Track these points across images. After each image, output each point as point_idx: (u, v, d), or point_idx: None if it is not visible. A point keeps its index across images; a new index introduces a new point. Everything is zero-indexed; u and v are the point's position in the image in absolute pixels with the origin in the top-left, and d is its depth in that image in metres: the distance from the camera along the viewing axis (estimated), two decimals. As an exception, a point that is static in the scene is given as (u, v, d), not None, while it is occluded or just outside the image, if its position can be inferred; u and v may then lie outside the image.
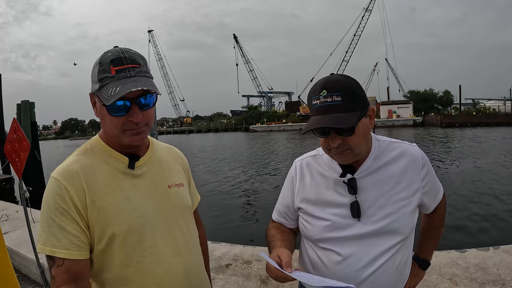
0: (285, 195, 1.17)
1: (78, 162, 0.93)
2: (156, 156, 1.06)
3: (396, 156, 1.04)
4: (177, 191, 1.06)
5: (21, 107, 10.78)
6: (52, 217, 0.86)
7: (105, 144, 0.98)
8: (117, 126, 0.90)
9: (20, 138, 4.18)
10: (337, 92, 0.92)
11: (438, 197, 1.13)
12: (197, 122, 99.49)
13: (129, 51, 0.90)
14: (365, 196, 1.01)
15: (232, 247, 3.27)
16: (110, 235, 0.90)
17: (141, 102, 0.89)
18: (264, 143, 31.19)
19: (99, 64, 0.88)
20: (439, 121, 44.92)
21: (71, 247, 0.86)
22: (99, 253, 0.91)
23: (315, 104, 0.95)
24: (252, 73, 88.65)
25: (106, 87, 0.86)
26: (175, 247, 1.00)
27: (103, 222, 0.89)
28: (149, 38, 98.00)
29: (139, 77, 0.87)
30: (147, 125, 0.94)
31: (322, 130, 0.95)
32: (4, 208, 5.35)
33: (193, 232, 1.11)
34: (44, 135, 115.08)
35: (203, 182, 12.09)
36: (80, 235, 0.87)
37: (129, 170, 0.97)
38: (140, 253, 0.93)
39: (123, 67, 0.87)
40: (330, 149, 0.98)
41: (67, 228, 0.86)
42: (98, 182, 0.91)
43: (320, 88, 0.94)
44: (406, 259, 1.05)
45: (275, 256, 0.93)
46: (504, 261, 2.54)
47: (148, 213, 0.96)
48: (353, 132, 0.94)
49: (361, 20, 75.95)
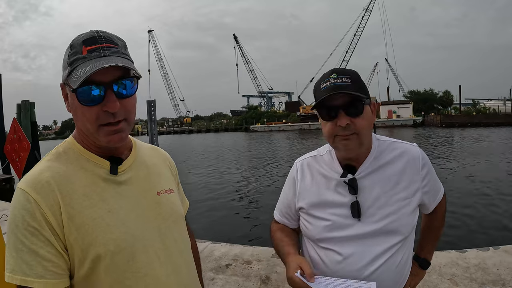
0: (286, 195, 1.18)
1: (49, 169, 0.77)
2: (141, 159, 0.92)
3: (396, 156, 1.05)
4: (167, 198, 0.92)
5: (21, 107, 10.79)
6: (21, 239, 0.70)
7: (80, 146, 0.82)
8: (91, 120, 0.75)
9: (20, 138, 4.17)
10: (347, 75, 0.96)
11: (438, 197, 1.13)
12: (197, 122, 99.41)
13: (106, 32, 0.78)
14: (365, 196, 1.01)
15: (232, 247, 3.27)
16: (93, 257, 0.74)
17: (118, 88, 0.75)
18: (264, 143, 31.18)
19: (70, 47, 0.76)
20: (439, 121, 44.85)
21: (46, 275, 0.70)
22: (81, 279, 0.76)
23: (325, 86, 0.96)
24: (252, 73, 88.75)
25: (76, 69, 0.73)
26: (172, 264, 0.86)
27: (84, 242, 0.74)
28: (149, 38, 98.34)
29: (115, 56, 0.74)
30: (126, 120, 0.79)
31: (329, 112, 0.96)
32: (4, 208, 5.35)
33: (188, 245, 0.98)
34: (44, 135, 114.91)
35: (203, 182, 12.09)
36: (56, 260, 0.72)
37: (111, 176, 0.82)
38: (133, 276, 0.78)
39: (97, 46, 0.74)
40: (336, 136, 0.98)
41: (40, 251, 0.70)
42: (75, 192, 0.76)
43: (329, 73, 0.98)
44: (406, 258, 1.05)
45: (296, 267, 0.94)
46: (504, 261, 2.54)
47: (137, 227, 0.81)
48: (361, 113, 0.95)
49: (361, 20, 76.00)
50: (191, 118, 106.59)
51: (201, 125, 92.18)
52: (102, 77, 0.73)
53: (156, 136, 7.40)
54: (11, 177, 11.08)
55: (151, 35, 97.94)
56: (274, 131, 58.02)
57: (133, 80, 0.78)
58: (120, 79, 0.75)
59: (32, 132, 10.80)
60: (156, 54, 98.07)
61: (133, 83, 0.78)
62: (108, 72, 0.73)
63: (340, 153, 1.04)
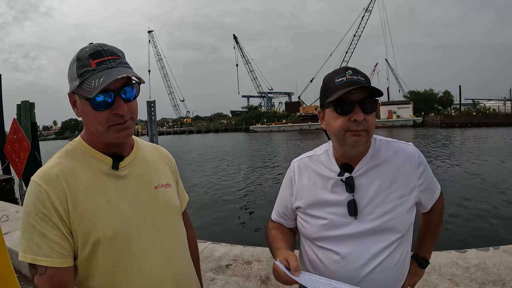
0: (284, 195, 1.18)
1: (58, 164, 0.88)
2: (142, 156, 1.01)
3: (392, 154, 1.06)
4: (164, 192, 1.01)
5: (21, 107, 10.80)
6: (33, 223, 0.82)
7: (87, 145, 0.93)
8: (102, 122, 0.86)
9: (20, 139, 4.17)
10: (361, 74, 0.98)
11: (435, 195, 1.14)
12: (197, 123, 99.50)
13: (107, 44, 0.88)
14: (362, 194, 1.01)
15: (232, 248, 3.27)
16: (94, 241, 0.85)
17: (125, 94, 0.86)
18: (264, 144, 31.19)
19: (77, 61, 0.85)
20: (439, 122, 44.85)
21: (53, 255, 0.82)
22: (83, 260, 0.87)
23: (341, 80, 0.97)
24: (252, 74, 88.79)
25: (88, 80, 0.82)
26: (164, 252, 0.95)
27: (86, 228, 0.85)
28: (149, 39, 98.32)
29: (121, 67, 0.85)
30: (132, 119, 0.90)
31: (346, 107, 0.96)
32: (4, 208, 5.35)
33: (182, 235, 1.07)
34: (44, 136, 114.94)
35: (203, 182, 12.10)
36: (62, 242, 0.83)
37: (112, 171, 0.92)
38: (127, 260, 0.88)
39: (103, 59, 0.84)
40: (347, 131, 0.98)
41: (48, 234, 0.82)
42: (80, 185, 0.87)
43: (344, 69, 0.99)
44: (404, 256, 1.05)
45: (283, 259, 0.94)
46: (504, 261, 2.54)
47: (134, 216, 0.91)
48: (375, 109, 0.98)
49: (361, 20, 76.03)
50: (191, 119, 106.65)
51: (201, 125, 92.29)
52: (111, 85, 0.82)
53: (156, 137, 7.40)
54: (11, 178, 11.08)
55: (151, 35, 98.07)
56: (274, 131, 58.07)
57: (136, 86, 0.90)
58: (125, 85, 0.86)
59: (32, 133, 10.82)
60: (156, 55, 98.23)
61: (135, 88, 0.90)
62: (116, 81, 0.83)
63: (346, 149, 1.03)
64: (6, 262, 1.63)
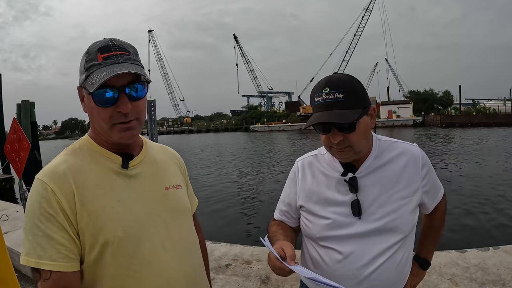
0: (287, 194, 1.18)
1: (66, 162, 0.85)
2: (151, 156, 0.99)
3: (396, 155, 1.05)
4: (175, 193, 0.98)
5: (21, 107, 10.79)
6: (37, 223, 0.76)
7: (95, 143, 0.90)
8: (105, 119, 0.83)
9: (20, 138, 4.18)
10: (339, 89, 0.94)
11: (438, 197, 1.14)
12: (197, 122, 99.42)
13: (119, 40, 0.85)
14: (366, 194, 1.01)
15: (232, 247, 3.27)
16: (103, 243, 0.80)
17: (130, 92, 0.82)
18: (264, 143, 31.19)
19: (87, 54, 0.83)
20: (439, 121, 44.82)
21: (58, 258, 0.76)
22: (91, 263, 0.81)
23: (318, 101, 0.97)
24: (252, 73, 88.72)
25: (92, 74, 0.80)
26: (175, 253, 0.91)
27: (95, 228, 0.80)
28: (149, 38, 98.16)
29: (127, 63, 0.81)
30: (137, 119, 0.86)
31: (324, 127, 0.97)
32: (4, 208, 5.35)
33: (193, 236, 1.03)
34: (44, 135, 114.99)
35: (203, 182, 12.09)
36: (68, 244, 0.78)
37: (122, 170, 0.88)
38: (138, 262, 0.84)
39: (111, 53, 0.81)
40: (331, 146, 1.00)
41: (54, 236, 0.77)
42: (88, 182, 0.83)
43: (322, 86, 0.96)
44: (406, 257, 1.05)
45: (278, 247, 0.94)
46: (504, 261, 2.54)
47: (144, 216, 0.87)
48: (353, 129, 0.95)
49: (361, 20, 75.98)
50: (191, 118, 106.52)
51: (201, 125, 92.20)
52: (116, 81, 0.80)
53: (156, 136, 7.40)
54: (11, 177, 11.09)
55: (151, 35, 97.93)
56: (274, 131, 58.11)
57: (144, 84, 0.85)
58: (132, 83, 0.82)
59: (32, 132, 10.81)
60: (156, 54, 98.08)
61: (143, 87, 0.85)
62: (122, 77, 0.80)
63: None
64: (6, 262, 1.63)
